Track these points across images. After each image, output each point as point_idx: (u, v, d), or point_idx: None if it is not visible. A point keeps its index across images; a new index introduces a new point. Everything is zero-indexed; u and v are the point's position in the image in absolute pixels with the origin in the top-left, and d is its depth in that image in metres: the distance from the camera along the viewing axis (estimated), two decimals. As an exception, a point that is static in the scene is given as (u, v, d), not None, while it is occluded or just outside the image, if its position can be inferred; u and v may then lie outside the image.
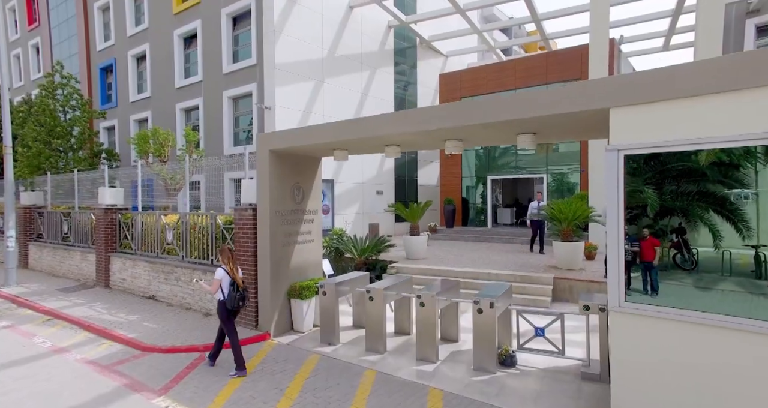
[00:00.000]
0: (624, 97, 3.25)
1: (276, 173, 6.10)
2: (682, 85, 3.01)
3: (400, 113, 4.77)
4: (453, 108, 4.34)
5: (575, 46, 14.31)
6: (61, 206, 11.52)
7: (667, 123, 3.07)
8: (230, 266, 4.86)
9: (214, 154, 14.65)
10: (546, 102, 3.68)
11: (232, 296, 4.76)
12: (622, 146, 3.26)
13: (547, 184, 14.61)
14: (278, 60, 12.56)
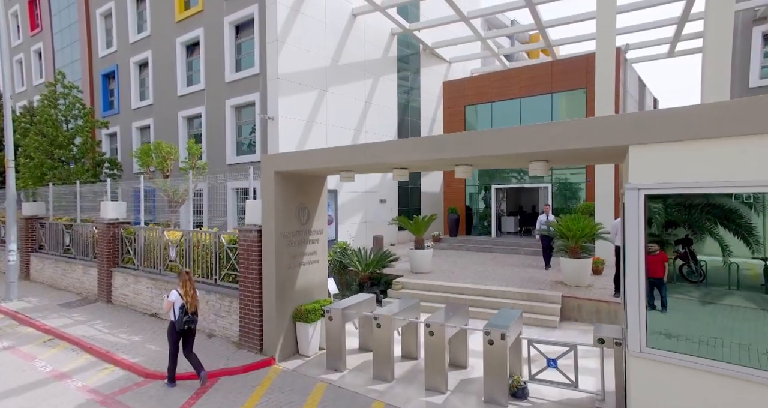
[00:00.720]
0: (645, 134, 3.14)
1: (281, 195, 5.99)
2: (709, 125, 2.90)
3: (411, 141, 4.66)
4: (466, 138, 4.22)
5: (580, 55, 14.20)
6: (63, 218, 11.44)
7: (693, 164, 2.96)
8: (185, 289, 5.17)
9: (217, 162, 14.58)
10: (564, 136, 3.57)
11: (180, 319, 5.08)
12: (643, 186, 3.14)
13: (552, 193, 14.48)
14: (281, 70, 12.47)
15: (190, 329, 5.20)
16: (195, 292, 5.27)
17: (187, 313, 5.10)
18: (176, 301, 5.11)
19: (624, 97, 13.79)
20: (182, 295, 5.12)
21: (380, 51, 16.40)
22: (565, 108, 14.25)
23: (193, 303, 5.17)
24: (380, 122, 16.39)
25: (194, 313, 5.19)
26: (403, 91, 17.74)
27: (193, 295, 5.20)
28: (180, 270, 5.38)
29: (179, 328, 5.09)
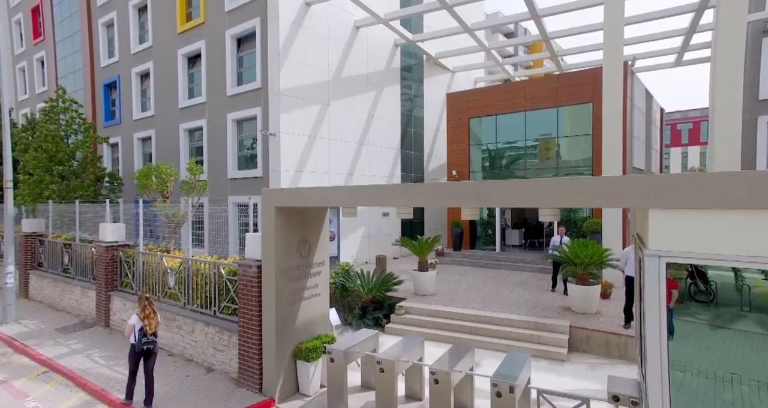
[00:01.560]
0: (668, 199, 2.94)
1: (281, 230, 5.82)
2: (737, 195, 2.70)
3: (417, 188, 4.47)
4: (478, 189, 4.02)
5: (586, 69, 13.99)
6: (62, 236, 11.31)
7: (720, 234, 2.76)
8: (144, 313, 5.57)
9: (218, 176, 14.43)
10: (582, 195, 3.38)
11: (139, 340, 5.52)
12: (664, 253, 2.94)
13: (557, 209, 14.24)
14: (283, 86, 12.32)
15: (150, 350, 5.60)
16: (155, 315, 5.67)
17: (146, 335, 5.52)
18: (136, 324, 5.54)
19: (631, 111, 13.56)
20: (141, 318, 5.54)
21: (383, 62, 16.23)
22: (572, 122, 14.02)
23: (151, 326, 5.58)
24: (383, 135, 16.22)
25: (153, 334, 5.62)
26: (406, 102, 17.57)
27: (153, 318, 5.61)
28: (141, 295, 5.81)
29: (138, 350, 5.54)
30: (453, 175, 16.14)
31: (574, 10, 13.51)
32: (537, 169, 14.72)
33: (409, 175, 17.73)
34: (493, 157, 15.64)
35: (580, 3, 13.31)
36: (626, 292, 7.59)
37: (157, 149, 16.94)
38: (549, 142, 14.29)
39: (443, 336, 8.16)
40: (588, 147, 13.75)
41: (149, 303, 5.64)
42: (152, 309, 5.65)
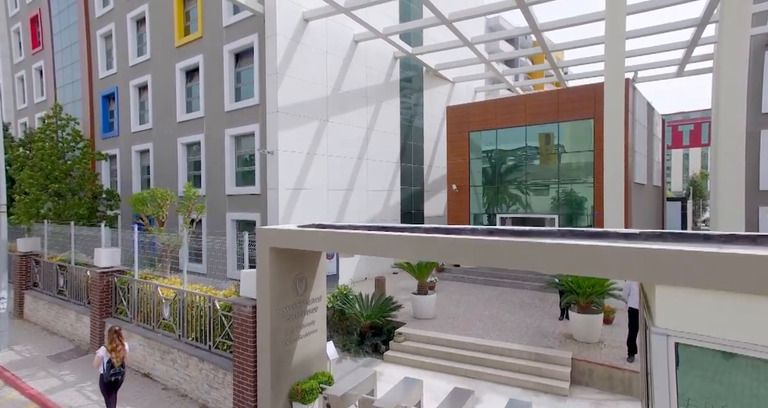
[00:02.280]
0: (677, 275, 2.80)
1: (277, 269, 5.68)
2: (755, 278, 2.55)
3: (419, 241, 4.30)
4: (480, 247, 3.87)
5: (587, 85, 13.86)
6: (58, 257, 11.17)
7: (736, 319, 2.61)
8: (112, 346, 5.91)
9: (216, 192, 14.31)
10: (586, 263, 3.24)
11: (107, 372, 5.87)
12: (673, 332, 2.80)
13: (558, 225, 14.10)
14: (281, 103, 12.19)
15: (117, 380, 5.99)
16: (123, 348, 6.01)
17: (113, 366, 5.89)
18: (104, 356, 5.90)
19: (633, 126, 13.43)
20: (109, 351, 5.89)
21: (382, 76, 16.12)
22: (573, 138, 13.90)
23: (118, 358, 5.93)
24: (382, 148, 16.09)
25: (122, 366, 6.01)
26: (406, 115, 17.45)
27: (120, 351, 5.95)
28: (110, 328, 6.12)
29: (107, 380, 5.90)
30: (453, 189, 16.01)
31: (574, 25, 13.39)
32: (537, 185, 14.59)
33: (409, 188, 17.60)
34: (494, 170, 15.50)
35: (581, 18, 13.20)
36: (629, 324, 7.44)
37: (155, 162, 16.83)
38: (549, 136, 14.10)
39: (443, 366, 8.02)
40: (589, 163, 13.61)
41: (117, 336, 5.97)
42: (120, 342, 5.98)
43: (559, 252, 3.41)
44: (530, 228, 5.10)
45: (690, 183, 39.87)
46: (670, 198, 31.28)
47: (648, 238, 4.40)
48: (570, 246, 3.39)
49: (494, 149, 15.45)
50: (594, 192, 13.52)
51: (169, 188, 15.90)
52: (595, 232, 4.68)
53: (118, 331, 6.01)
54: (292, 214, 12.57)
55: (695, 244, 4.05)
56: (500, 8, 12.43)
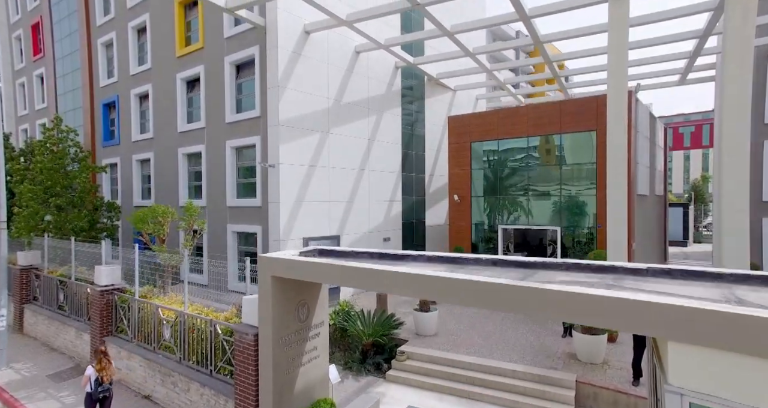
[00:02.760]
0: (687, 333, 2.73)
1: (279, 298, 5.62)
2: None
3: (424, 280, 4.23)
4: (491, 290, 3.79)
5: (589, 97, 13.82)
6: (58, 271, 11.12)
7: (753, 383, 2.55)
8: (100, 365, 6.34)
9: (217, 203, 14.26)
10: (597, 312, 3.18)
11: (95, 390, 6.27)
12: (687, 392, 2.73)
13: (561, 237, 14.04)
14: (282, 116, 12.14)
15: (106, 397, 6.40)
16: (110, 366, 6.43)
17: (101, 384, 6.31)
18: (92, 375, 6.30)
19: (635, 139, 13.36)
20: (97, 370, 6.32)
21: (384, 86, 16.07)
22: (575, 149, 13.84)
23: (107, 376, 6.33)
24: (384, 159, 16.04)
25: (110, 383, 6.41)
26: (407, 124, 17.40)
27: (108, 369, 6.36)
28: (96, 348, 6.72)
29: (95, 398, 6.31)
30: (455, 199, 15.94)
31: (577, 36, 13.35)
32: (539, 196, 14.53)
33: (410, 198, 17.55)
34: (496, 181, 15.44)
35: (584, 30, 13.15)
36: (634, 347, 7.37)
37: (156, 172, 16.79)
38: (551, 147, 14.04)
39: (446, 387, 7.94)
40: (592, 174, 13.55)
41: (105, 355, 6.43)
42: (108, 360, 6.43)
43: (567, 301, 3.35)
44: (535, 259, 5.05)
45: (691, 187, 39.71)
46: (672, 203, 31.19)
47: (656, 274, 4.34)
48: (578, 295, 3.32)
49: (496, 160, 15.40)
50: (596, 204, 13.45)
51: (170, 204, 15.89)
52: (601, 267, 4.62)
53: (104, 351, 6.51)
54: (293, 227, 12.52)
55: (706, 285, 3.99)
56: (503, 21, 12.38)
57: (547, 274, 4.65)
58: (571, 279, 4.30)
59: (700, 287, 3.77)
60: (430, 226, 18.75)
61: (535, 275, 4.61)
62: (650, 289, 3.66)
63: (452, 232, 16.19)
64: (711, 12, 11.65)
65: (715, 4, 11.24)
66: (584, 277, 4.39)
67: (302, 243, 12.58)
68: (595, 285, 3.92)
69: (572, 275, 4.49)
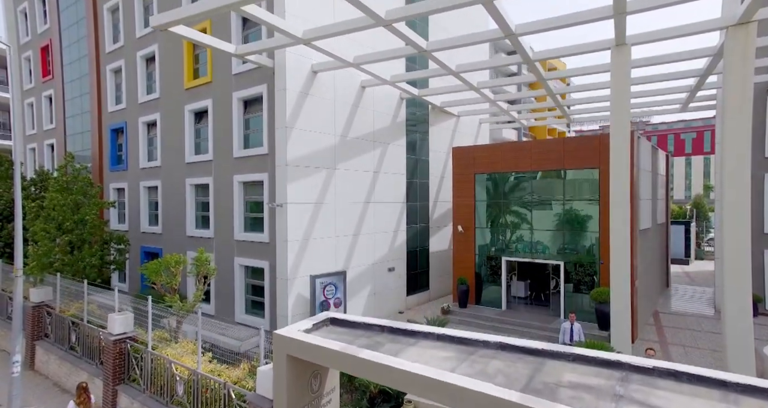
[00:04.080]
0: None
1: (293, 372, 5.79)
2: None
3: (430, 383, 4.39)
4: (492, 404, 3.97)
5: (592, 135, 14.02)
6: (70, 310, 11.32)
7: None
8: (79, 399, 7.10)
9: (225, 237, 14.46)
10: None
11: None
12: None
13: (564, 271, 14.20)
14: (290, 156, 12.37)
15: None
16: (89, 401, 7.22)
17: None
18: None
19: (638, 175, 13.53)
20: (77, 403, 7.05)
21: (389, 117, 16.30)
22: (578, 185, 14.03)
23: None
24: (389, 190, 16.24)
25: None
26: (412, 154, 17.61)
27: (87, 404, 7.13)
28: (79, 384, 7.34)
29: None
30: (459, 230, 16.12)
31: (581, 75, 13.57)
32: (543, 230, 14.70)
33: (415, 226, 17.73)
34: (500, 213, 15.62)
35: (587, 69, 13.37)
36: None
37: (164, 200, 17.02)
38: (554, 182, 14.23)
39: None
40: (595, 210, 13.73)
41: (85, 391, 7.20)
42: (87, 396, 7.20)
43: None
44: (542, 346, 5.23)
45: (693, 203, 39.80)
46: (674, 221, 31.29)
47: (661, 375, 4.52)
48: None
49: (500, 192, 15.58)
50: (600, 239, 13.61)
51: (178, 233, 16.15)
52: (607, 362, 4.80)
53: (85, 387, 7.29)
54: (300, 265, 12.71)
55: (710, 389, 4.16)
56: (508, 62, 12.61)
57: (554, 366, 4.84)
58: (579, 379, 4.48)
59: (704, 399, 3.94)
60: (434, 252, 18.91)
61: (543, 368, 4.80)
62: (656, 404, 3.84)
63: (456, 262, 16.35)
64: (710, 57, 11.86)
65: (714, 50, 11.45)
66: (592, 374, 4.57)
67: (309, 281, 12.75)
68: (603, 393, 4.09)
69: (579, 371, 4.67)
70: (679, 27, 10.10)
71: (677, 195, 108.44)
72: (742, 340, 9.35)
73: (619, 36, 10.31)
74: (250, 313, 14.12)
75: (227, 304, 14.41)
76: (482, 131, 22.98)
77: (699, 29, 9.87)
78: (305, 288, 12.78)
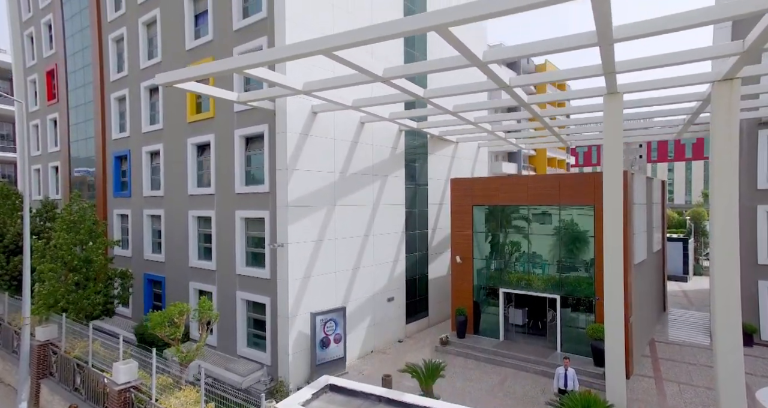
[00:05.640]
0: None
1: (293, 445, 6.03)
2: None
3: None
4: None
5: (587, 173, 14.28)
6: (75, 350, 11.55)
7: None
8: None
9: (226, 270, 14.71)
10: None
11: None
12: None
13: (560, 306, 14.41)
14: (291, 197, 12.65)
15: None
16: None
17: None
18: None
19: (632, 211, 13.76)
20: None
21: (388, 150, 16.59)
22: (574, 221, 14.27)
23: None
24: (388, 221, 16.49)
25: None
26: (411, 183, 17.87)
27: None
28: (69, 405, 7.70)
29: None
30: (458, 261, 16.36)
31: (577, 113, 13.85)
32: (539, 263, 14.93)
33: (414, 255, 17.97)
34: (497, 245, 15.86)
35: (583, 108, 13.66)
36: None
37: (166, 229, 17.30)
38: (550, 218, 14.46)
39: None
40: (590, 246, 13.96)
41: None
42: None
43: None
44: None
45: (691, 214, 39.99)
46: (671, 238, 31.42)
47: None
48: None
49: (497, 224, 15.83)
50: (595, 275, 13.83)
51: (181, 263, 16.40)
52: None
53: None
54: (301, 303, 12.95)
55: None
56: (504, 104, 12.90)
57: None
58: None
59: None
60: (433, 278, 19.13)
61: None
62: None
63: (454, 291, 16.57)
64: (699, 101, 12.14)
65: (704, 95, 11.73)
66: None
67: (309, 318, 12.98)
68: None
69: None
70: (670, 79, 10.39)
71: (677, 200, 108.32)
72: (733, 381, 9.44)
73: (611, 86, 10.60)
74: (252, 346, 14.34)
75: (229, 336, 14.64)
76: (481, 155, 23.28)
77: (688, 82, 10.16)
78: (306, 325, 13.02)
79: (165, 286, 17.47)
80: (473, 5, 6.06)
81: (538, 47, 7.88)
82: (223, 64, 8.65)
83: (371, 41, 7.03)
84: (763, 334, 15.90)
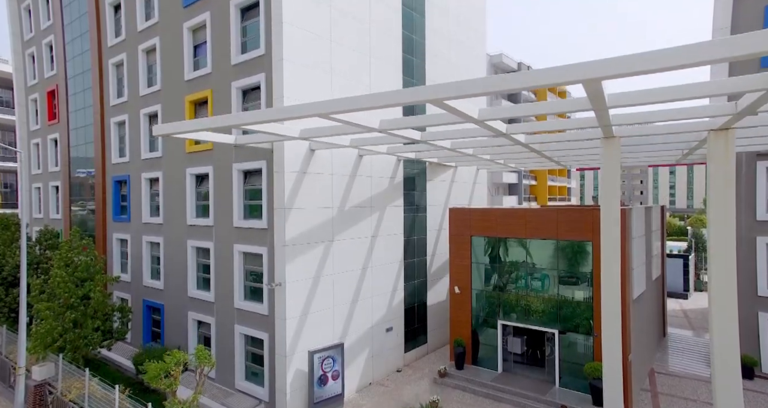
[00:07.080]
0: None
1: None
2: None
3: None
4: None
5: (587, 208, 14.25)
6: (71, 392, 11.56)
7: None
8: None
9: (225, 303, 14.72)
10: None
11: None
12: None
13: (559, 340, 14.37)
14: (288, 236, 12.65)
15: None
16: None
17: None
18: None
19: (630, 245, 13.73)
20: None
21: (386, 181, 16.59)
22: (572, 256, 14.24)
23: None
24: (386, 252, 16.47)
25: None
26: (409, 211, 17.86)
27: None
28: None
29: None
30: (456, 291, 16.34)
31: (575, 140, 13.85)
32: (538, 297, 14.90)
33: (413, 283, 17.95)
34: (495, 277, 15.83)
35: (579, 143, 13.65)
36: None
37: (165, 257, 17.33)
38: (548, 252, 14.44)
39: None
40: (588, 281, 13.93)
41: None
42: None
43: None
44: None
45: (692, 230, 39.89)
46: (671, 255, 31.31)
47: None
48: None
49: (495, 256, 15.81)
50: (593, 310, 13.79)
51: (179, 293, 16.42)
52: None
53: None
54: (299, 340, 12.94)
55: None
56: (503, 143, 12.90)
57: None
58: None
59: None
60: (432, 304, 19.11)
61: None
62: None
63: (453, 322, 16.55)
64: (696, 141, 12.13)
65: (702, 136, 11.71)
66: None
67: (307, 356, 12.97)
68: None
69: None
70: (666, 125, 10.39)
71: (679, 203, 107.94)
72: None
73: (606, 131, 10.60)
74: (250, 379, 14.34)
75: (228, 369, 14.63)
76: (480, 175, 23.27)
77: (685, 129, 10.15)
78: (303, 363, 13.01)
79: (164, 313, 17.49)
80: (468, 83, 6.07)
81: (534, 109, 7.90)
82: (220, 121, 8.69)
83: (368, 108, 7.05)
84: (764, 366, 15.83)
